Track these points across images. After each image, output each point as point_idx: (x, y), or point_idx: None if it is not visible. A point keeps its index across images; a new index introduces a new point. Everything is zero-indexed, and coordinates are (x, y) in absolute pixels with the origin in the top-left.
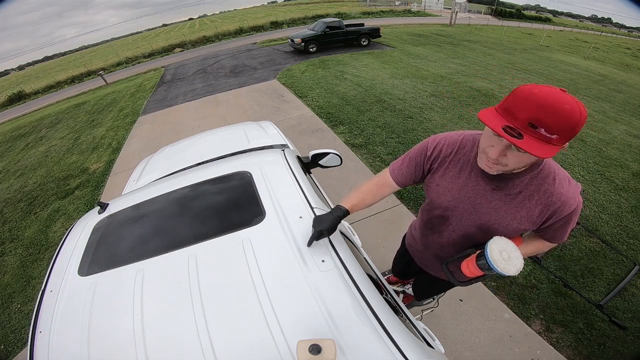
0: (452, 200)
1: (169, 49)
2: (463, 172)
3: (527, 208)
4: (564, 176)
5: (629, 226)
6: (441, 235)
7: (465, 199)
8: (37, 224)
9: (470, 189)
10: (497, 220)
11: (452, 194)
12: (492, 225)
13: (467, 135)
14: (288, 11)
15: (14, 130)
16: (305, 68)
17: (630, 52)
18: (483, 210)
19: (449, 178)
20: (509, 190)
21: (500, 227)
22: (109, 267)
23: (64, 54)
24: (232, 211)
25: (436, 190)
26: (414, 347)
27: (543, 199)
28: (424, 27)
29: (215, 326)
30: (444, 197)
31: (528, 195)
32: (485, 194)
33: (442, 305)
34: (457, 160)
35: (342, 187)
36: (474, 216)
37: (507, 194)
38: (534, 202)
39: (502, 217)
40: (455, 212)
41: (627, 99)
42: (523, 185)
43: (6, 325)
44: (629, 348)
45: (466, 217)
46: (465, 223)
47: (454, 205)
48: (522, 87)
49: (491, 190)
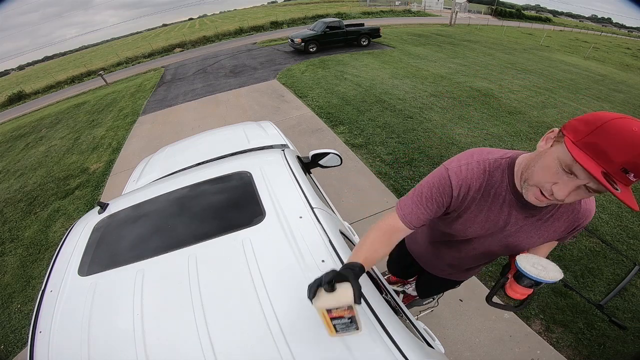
0: (479, 231)
1: (169, 49)
2: (494, 205)
3: (555, 227)
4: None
5: (629, 226)
6: (459, 251)
7: (495, 228)
8: (37, 224)
9: (501, 220)
10: (524, 241)
11: (480, 226)
12: (518, 244)
13: (488, 161)
14: (288, 11)
15: (14, 130)
16: (305, 68)
17: (630, 52)
18: (511, 234)
19: (476, 212)
20: (542, 216)
21: (527, 246)
22: (109, 267)
23: (64, 54)
24: (232, 211)
25: (462, 225)
26: (414, 347)
27: (571, 217)
28: (424, 27)
29: (215, 326)
30: (471, 229)
31: (558, 217)
32: (516, 222)
33: (442, 305)
34: (487, 194)
35: (342, 187)
36: (501, 240)
37: (538, 219)
38: (563, 222)
39: (530, 238)
40: (481, 239)
41: (627, 99)
42: (554, 209)
43: (6, 325)
44: (629, 348)
45: (492, 240)
46: (491, 244)
47: (481, 235)
48: (618, 122)
49: (523, 218)
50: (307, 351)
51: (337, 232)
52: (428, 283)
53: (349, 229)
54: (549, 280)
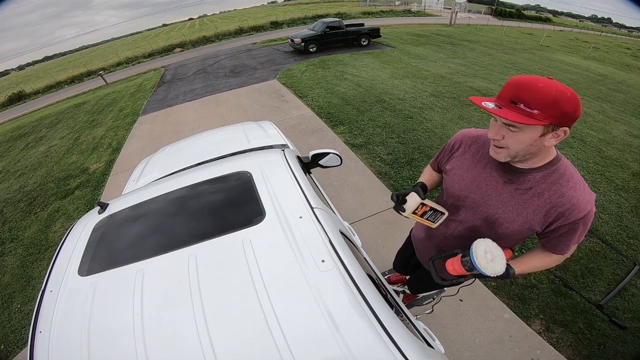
0: (464, 190)
1: (169, 49)
2: (479, 164)
3: (535, 206)
4: (579, 180)
5: (629, 226)
6: (447, 226)
7: (477, 189)
8: (37, 224)
9: (483, 180)
10: (503, 214)
11: (465, 184)
12: (497, 218)
13: (483, 131)
14: (288, 11)
15: (14, 130)
16: (305, 68)
17: (630, 52)
18: (492, 203)
19: (465, 167)
20: (520, 184)
21: (506, 222)
22: (109, 267)
23: (64, 54)
24: (232, 211)
25: (452, 178)
26: (414, 347)
27: (553, 199)
28: (424, 27)
29: (215, 326)
30: (458, 185)
31: (538, 193)
32: (496, 186)
33: (442, 305)
34: (476, 152)
35: (342, 187)
36: (482, 208)
37: (517, 188)
38: (543, 201)
39: (509, 211)
40: (466, 202)
41: (627, 98)
42: (534, 181)
43: (6, 325)
44: (629, 348)
45: (475, 209)
46: (473, 215)
47: (466, 195)
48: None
49: (502, 183)
50: (307, 351)
51: (337, 232)
52: (417, 278)
53: (349, 229)
54: (483, 272)
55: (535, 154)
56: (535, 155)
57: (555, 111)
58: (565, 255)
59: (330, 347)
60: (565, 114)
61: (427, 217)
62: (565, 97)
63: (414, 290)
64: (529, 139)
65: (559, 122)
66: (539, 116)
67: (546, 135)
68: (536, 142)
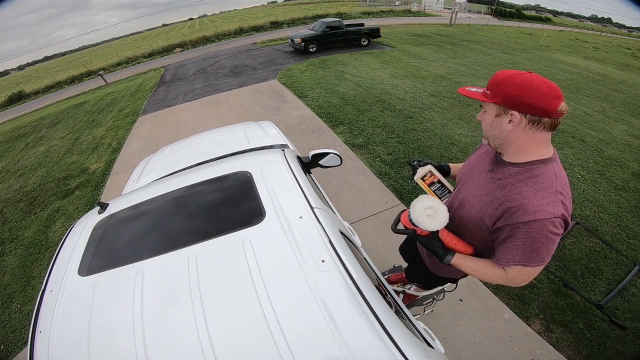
0: (463, 173)
1: (169, 49)
2: (485, 153)
3: (494, 196)
4: (550, 188)
5: (629, 226)
6: None
7: (470, 173)
8: (37, 224)
9: (476, 166)
10: (469, 197)
11: (467, 167)
12: (465, 200)
13: None
14: (288, 11)
15: (14, 130)
16: (305, 68)
17: (630, 52)
18: (469, 186)
19: (476, 154)
20: (495, 174)
21: (467, 205)
22: (109, 267)
23: (64, 54)
24: (232, 211)
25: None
26: (414, 347)
27: (509, 194)
28: (424, 27)
29: (215, 326)
30: (463, 168)
31: (502, 185)
32: (481, 172)
33: (442, 305)
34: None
35: (342, 187)
36: (463, 189)
37: (492, 177)
38: (502, 194)
39: (474, 196)
40: (460, 183)
41: (627, 99)
42: (507, 174)
43: (6, 325)
44: (629, 348)
45: (461, 190)
46: (457, 195)
47: (461, 177)
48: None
49: (486, 171)
50: (307, 351)
51: (337, 232)
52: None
53: (349, 229)
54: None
55: (509, 143)
56: (510, 145)
57: (499, 91)
58: (509, 274)
59: (330, 347)
60: (508, 96)
61: (434, 189)
62: (512, 81)
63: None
64: (489, 118)
65: (506, 104)
66: (489, 95)
67: (502, 117)
68: (494, 122)
